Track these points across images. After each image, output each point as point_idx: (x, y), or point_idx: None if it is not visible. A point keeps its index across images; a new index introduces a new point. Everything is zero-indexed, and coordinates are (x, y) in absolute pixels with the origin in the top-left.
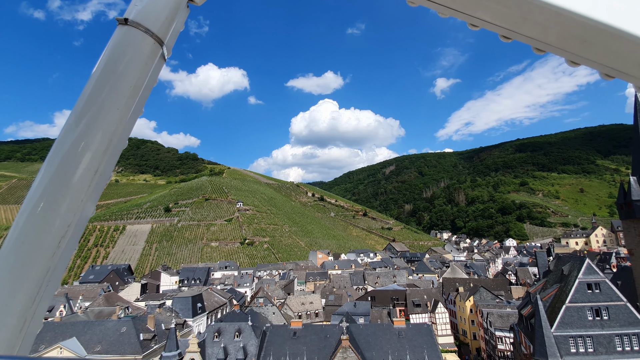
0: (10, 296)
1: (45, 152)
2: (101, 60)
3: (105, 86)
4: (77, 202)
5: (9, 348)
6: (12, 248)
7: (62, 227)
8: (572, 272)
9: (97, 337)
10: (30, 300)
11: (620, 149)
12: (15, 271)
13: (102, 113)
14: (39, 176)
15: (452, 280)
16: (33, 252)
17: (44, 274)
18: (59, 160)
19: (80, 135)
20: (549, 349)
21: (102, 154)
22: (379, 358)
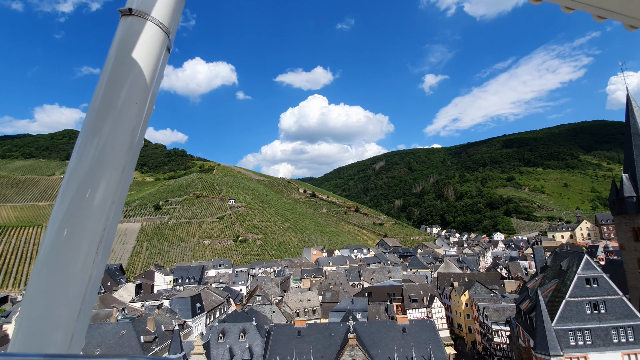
0: (54, 311)
1: (27, 149)
2: (111, 54)
3: (121, 81)
4: (109, 204)
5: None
6: (50, 260)
7: (99, 232)
8: (571, 268)
9: (95, 341)
10: (75, 313)
11: (602, 145)
12: (57, 284)
13: (123, 110)
14: (66, 181)
15: (446, 275)
16: (73, 262)
17: (86, 283)
18: (88, 163)
19: (104, 134)
20: (550, 342)
21: (126, 153)
22: (384, 355)
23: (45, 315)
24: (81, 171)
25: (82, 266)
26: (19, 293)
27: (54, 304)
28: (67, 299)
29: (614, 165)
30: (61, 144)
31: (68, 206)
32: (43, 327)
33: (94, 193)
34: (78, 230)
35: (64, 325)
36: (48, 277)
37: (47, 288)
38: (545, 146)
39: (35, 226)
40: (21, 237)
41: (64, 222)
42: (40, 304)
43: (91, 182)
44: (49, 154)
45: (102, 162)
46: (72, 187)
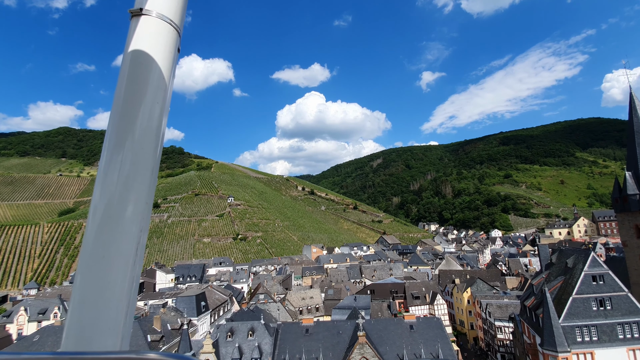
0: (104, 314)
1: (22, 147)
2: (127, 56)
3: (141, 83)
4: (143, 205)
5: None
6: (94, 264)
7: (136, 233)
8: (577, 265)
9: None
10: (123, 315)
11: (597, 142)
12: (103, 287)
13: (147, 111)
14: (100, 184)
15: (448, 272)
16: (117, 264)
17: (129, 285)
18: (120, 166)
19: (133, 136)
20: (557, 338)
21: (154, 153)
22: (392, 352)
23: (95, 318)
24: (114, 174)
25: (124, 268)
26: (18, 292)
27: (102, 306)
28: (114, 301)
29: (610, 162)
30: (57, 141)
31: (105, 209)
32: (94, 330)
33: (129, 195)
34: (118, 233)
35: (113, 328)
36: (94, 280)
37: (94, 291)
38: (541, 143)
39: (33, 225)
40: (19, 235)
41: (104, 225)
42: (89, 308)
43: (126, 185)
44: (44, 151)
45: (134, 164)
46: (108, 190)
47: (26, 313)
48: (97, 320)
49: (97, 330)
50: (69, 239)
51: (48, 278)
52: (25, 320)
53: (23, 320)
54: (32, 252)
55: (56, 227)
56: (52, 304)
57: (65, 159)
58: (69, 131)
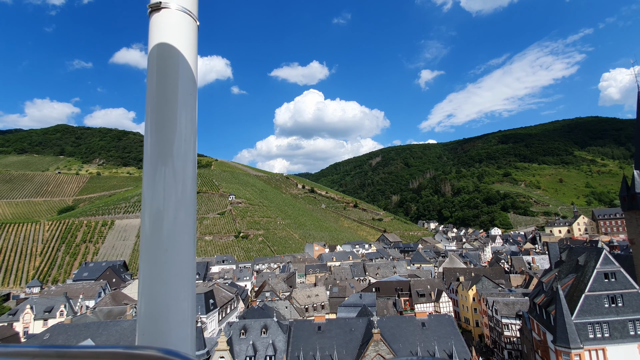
0: (174, 312)
1: (20, 144)
2: (153, 52)
3: (172, 76)
4: (192, 197)
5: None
6: (158, 259)
7: (193, 226)
8: (589, 263)
9: (114, 338)
10: (193, 309)
11: (596, 140)
12: (171, 283)
13: (183, 104)
14: (152, 179)
15: (452, 270)
16: (181, 258)
17: (193, 279)
18: (169, 160)
19: (177, 129)
20: (570, 335)
21: (193, 144)
22: (405, 349)
23: (166, 317)
24: (164, 169)
25: (187, 264)
26: (21, 290)
27: (172, 304)
28: (182, 298)
29: (608, 161)
30: (54, 139)
31: (164, 202)
32: (164, 329)
33: (183, 186)
34: (179, 226)
35: (183, 326)
36: (162, 276)
37: (162, 288)
38: (540, 142)
39: (33, 222)
40: (20, 233)
41: (167, 219)
42: (159, 306)
43: (178, 177)
44: (42, 149)
45: (181, 157)
46: (161, 184)
47: (32, 311)
48: (167, 319)
49: (168, 330)
50: (70, 236)
51: (50, 276)
52: (32, 318)
53: (29, 319)
54: (34, 250)
55: (57, 225)
56: (59, 302)
57: (64, 157)
58: (67, 128)
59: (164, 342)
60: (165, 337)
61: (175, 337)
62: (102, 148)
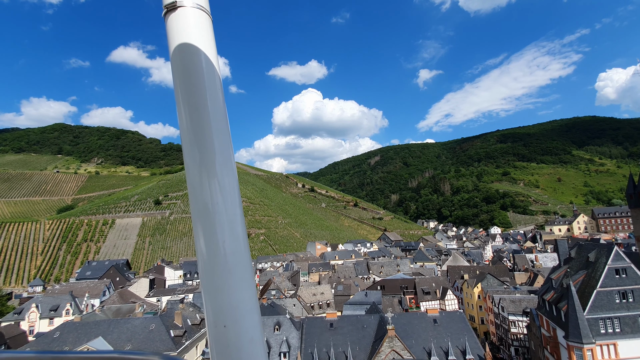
0: (250, 310)
1: (17, 143)
2: (176, 51)
3: (198, 73)
4: (238, 198)
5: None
6: (225, 259)
7: (244, 226)
8: (600, 259)
9: (125, 336)
10: (258, 313)
11: (593, 140)
12: (239, 282)
13: (214, 98)
14: (198, 180)
15: (456, 268)
16: (242, 258)
17: (254, 278)
18: (212, 157)
19: (212, 126)
20: (583, 330)
21: (229, 142)
22: (418, 346)
23: (236, 301)
24: (210, 166)
25: (248, 261)
26: (23, 289)
27: (242, 307)
28: (250, 301)
29: (606, 160)
30: (52, 138)
31: (215, 210)
32: (236, 311)
33: (229, 181)
34: (235, 223)
35: (252, 309)
36: (224, 269)
37: (231, 291)
38: (538, 141)
39: (34, 222)
40: (20, 232)
41: (230, 219)
42: (225, 294)
43: (223, 174)
44: (39, 148)
45: (222, 153)
46: (207, 187)
47: (38, 310)
48: (239, 302)
49: (240, 312)
50: (71, 235)
51: (52, 275)
52: (37, 317)
53: (35, 318)
54: (35, 249)
55: (57, 224)
56: (64, 301)
57: (62, 156)
58: (65, 127)
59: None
60: (236, 323)
61: (246, 321)
62: (101, 147)
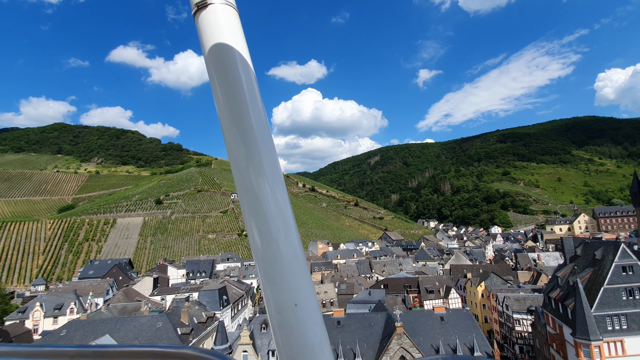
0: (312, 292)
1: (17, 143)
2: (212, 49)
3: (234, 69)
4: (284, 188)
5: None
6: (278, 249)
7: (293, 215)
8: (607, 257)
9: (132, 334)
10: (319, 310)
11: (593, 140)
12: (297, 268)
13: (252, 93)
14: (246, 175)
15: (459, 267)
16: (296, 246)
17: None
18: (258, 155)
19: (250, 121)
20: (590, 328)
21: (270, 134)
22: (426, 343)
23: (294, 287)
24: (257, 160)
25: (301, 252)
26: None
27: (306, 288)
28: (310, 284)
29: (606, 160)
30: (52, 137)
31: (271, 191)
32: (297, 294)
33: (274, 173)
34: (285, 213)
35: (317, 307)
36: (280, 260)
37: (291, 275)
38: (538, 141)
39: (35, 221)
40: (21, 232)
41: (281, 208)
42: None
43: (269, 167)
44: (39, 147)
45: (265, 146)
46: (258, 177)
47: (42, 309)
48: (303, 284)
49: (305, 292)
50: (72, 235)
51: (54, 274)
52: (41, 315)
53: (39, 316)
54: (36, 249)
55: (59, 223)
56: (68, 299)
57: (62, 155)
58: (65, 127)
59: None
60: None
61: (306, 306)
62: (101, 147)
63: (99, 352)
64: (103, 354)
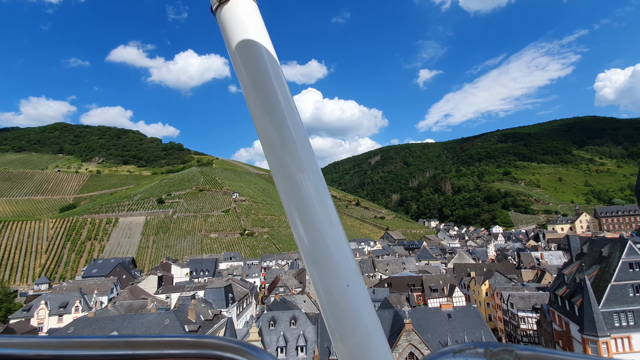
0: (359, 275)
1: (17, 142)
2: (238, 46)
3: (261, 62)
4: (324, 182)
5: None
6: (325, 243)
7: (335, 211)
8: (614, 254)
9: (140, 331)
10: (376, 315)
11: (593, 140)
12: (347, 259)
13: (281, 87)
14: (288, 170)
15: (462, 266)
16: (342, 242)
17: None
18: (297, 153)
19: (287, 117)
20: (598, 324)
21: (302, 126)
22: (434, 340)
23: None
24: (295, 155)
25: (348, 248)
26: (28, 287)
27: (354, 270)
28: (361, 278)
29: (606, 160)
30: (53, 137)
31: (314, 187)
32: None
33: (312, 167)
34: (328, 208)
35: (371, 304)
36: (327, 247)
37: (339, 259)
38: (539, 141)
39: (37, 220)
40: (24, 231)
41: (323, 203)
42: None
43: (307, 161)
44: (40, 147)
45: (300, 137)
46: (298, 173)
47: (47, 307)
48: (351, 265)
49: (354, 274)
50: (74, 234)
51: (57, 273)
52: (46, 314)
53: (44, 314)
54: (39, 248)
55: (61, 222)
56: (73, 297)
57: (62, 155)
58: (66, 127)
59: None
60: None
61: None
62: (102, 146)
63: (130, 342)
64: (134, 344)
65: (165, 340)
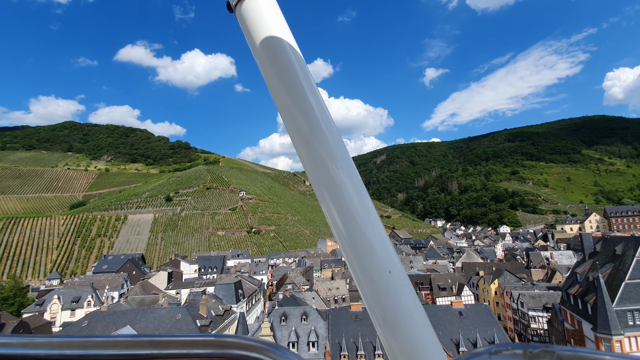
0: (399, 263)
1: (28, 141)
2: (262, 44)
3: (286, 57)
4: (357, 172)
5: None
6: (375, 243)
7: (370, 201)
8: (627, 252)
9: (152, 325)
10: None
11: (603, 139)
12: (386, 245)
13: (308, 83)
14: (322, 163)
15: (471, 265)
16: (381, 224)
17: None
18: (332, 151)
19: (315, 110)
20: (612, 322)
21: (331, 119)
22: (445, 337)
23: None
24: (327, 148)
25: (385, 235)
26: (40, 283)
27: (394, 259)
28: (401, 264)
29: (616, 159)
30: (62, 135)
31: (349, 179)
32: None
33: (344, 157)
34: (364, 198)
35: (413, 291)
36: (368, 241)
37: (378, 248)
38: (547, 140)
39: (48, 217)
40: (35, 227)
41: (359, 193)
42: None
43: (340, 153)
44: (50, 145)
45: (329, 128)
46: (331, 165)
47: (59, 301)
48: (390, 253)
49: (394, 262)
50: (85, 231)
51: (68, 269)
52: (59, 308)
53: (57, 309)
54: (50, 244)
55: (71, 219)
56: (86, 292)
57: (72, 153)
58: (75, 125)
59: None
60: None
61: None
62: (110, 145)
63: (155, 342)
64: (159, 343)
65: (190, 340)
